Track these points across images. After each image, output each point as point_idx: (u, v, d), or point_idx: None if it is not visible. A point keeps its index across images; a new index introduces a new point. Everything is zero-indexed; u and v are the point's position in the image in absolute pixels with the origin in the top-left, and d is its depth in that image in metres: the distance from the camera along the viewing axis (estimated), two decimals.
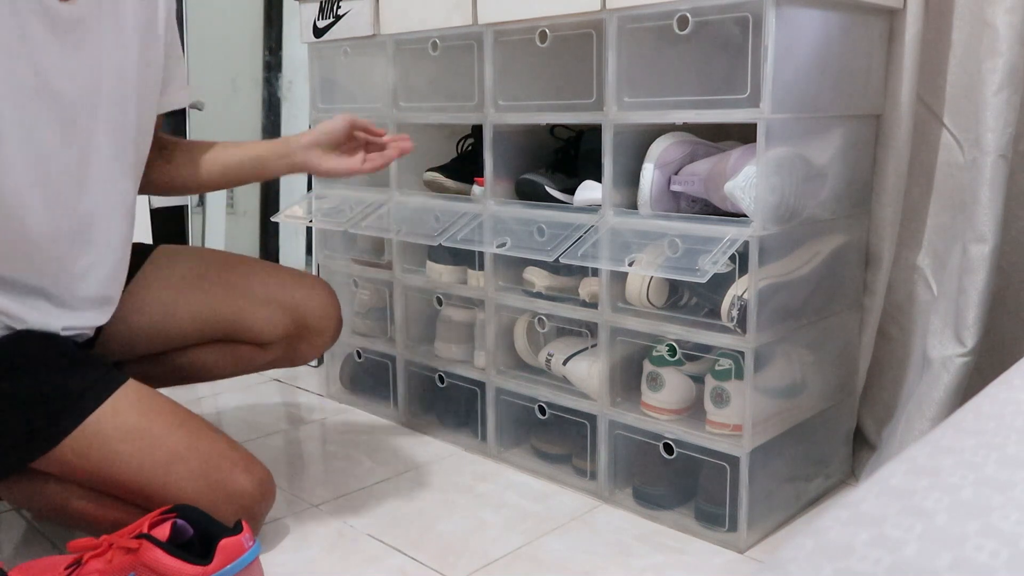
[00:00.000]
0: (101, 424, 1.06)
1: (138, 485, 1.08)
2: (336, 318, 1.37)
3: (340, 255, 1.72)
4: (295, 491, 1.35)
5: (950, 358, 1.21)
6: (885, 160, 1.29)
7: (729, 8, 1.10)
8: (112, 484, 1.08)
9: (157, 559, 0.94)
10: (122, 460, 1.07)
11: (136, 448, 1.07)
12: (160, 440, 1.09)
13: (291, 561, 1.15)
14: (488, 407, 1.47)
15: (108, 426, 1.07)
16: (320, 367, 1.96)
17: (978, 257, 1.18)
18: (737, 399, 1.15)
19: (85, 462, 1.06)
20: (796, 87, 1.12)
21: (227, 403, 1.78)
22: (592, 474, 1.33)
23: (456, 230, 1.40)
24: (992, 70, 1.14)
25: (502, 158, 1.40)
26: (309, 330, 1.34)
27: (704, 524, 1.20)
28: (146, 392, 1.12)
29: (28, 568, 1.02)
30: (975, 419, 0.50)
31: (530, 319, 1.42)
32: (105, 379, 1.10)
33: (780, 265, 1.16)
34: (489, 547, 1.18)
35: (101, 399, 1.07)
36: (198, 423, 1.14)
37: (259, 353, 1.34)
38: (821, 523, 0.40)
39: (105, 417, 1.07)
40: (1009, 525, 0.37)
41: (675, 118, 1.17)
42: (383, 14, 1.50)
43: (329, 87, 1.67)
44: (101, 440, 1.06)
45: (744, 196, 1.10)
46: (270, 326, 1.31)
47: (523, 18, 1.30)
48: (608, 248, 1.22)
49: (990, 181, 1.16)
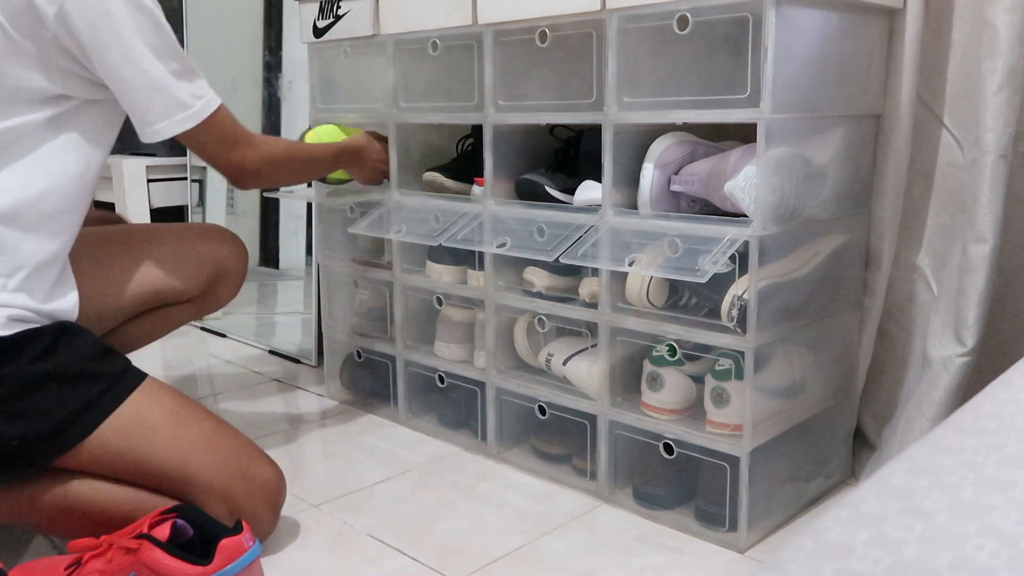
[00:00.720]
0: (142, 404, 1.11)
1: (175, 467, 1.10)
2: (243, 252, 1.47)
3: (340, 255, 1.72)
4: (295, 491, 1.35)
5: (950, 358, 1.21)
6: (885, 160, 1.29)
7: (729, 8, 1.10)
8: (147, 467, 1.10)
9: (157, 559, 0.94)
10: (164, 441, 1.11)
11: (176, 431, 1.12)
12: (195, 425, 1.14)
13: (291, 561, 1.15)
14: (488, 407, 1.47)
15: (149, 407, 1.12)
16: (320, 367, 1.96)
17: (978, 257, 1.18)
18: (737, 399, 1.15)
19: (126, 443, 1.09)
20: (796, 87, 1.12)
21: (227, 403, 1.78)
22: (592, 474, 1.33)
23: (456, 230, 1.40)
24: (992, 70, 1.14)
25: (502, 158, 1.40)
26: (226, 273, 1.43)
27: (704, 524, 1.20)
28: (168, 385, 1.18)
29: (28, 568, 1.02)
30: (975, 419, 0.50)
31: (530, 319, 1.42)
32: (133, 369, 1.15)
33: (780, 265, 1.16)
34: (489, 547, 1.18)
35: (137, 383, 1.13)
36: (218, 417, 1.20)
37: (186, 308, 1.42)
38: (821, 523, 0.40)
39: (145, 398, 1.12)
40: (1009, 525, 0.37)
41: (675, 118, 1.17)
42: (383, 14, 1.50)
43: (329, 87, 1.67)
44: (143, 419, 1.10)
45: (744, 196, 1.10)
46: (193, 280, 1.39)
47: (523, 18, 1.30)
48: (608, 248, 1.22)
49: (990, 181, 1.16)
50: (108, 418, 1.08)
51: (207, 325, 2.34)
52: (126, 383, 1.12)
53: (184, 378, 1.95)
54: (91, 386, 1.09)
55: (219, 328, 2.31)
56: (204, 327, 2.34)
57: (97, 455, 1.09)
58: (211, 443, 1.13)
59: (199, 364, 2.06)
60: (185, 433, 1.12)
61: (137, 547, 0.95)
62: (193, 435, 1.13)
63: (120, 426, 1.09)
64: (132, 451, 1.09)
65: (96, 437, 1.08)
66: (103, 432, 1.08)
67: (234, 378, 1.94)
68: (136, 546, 0.96)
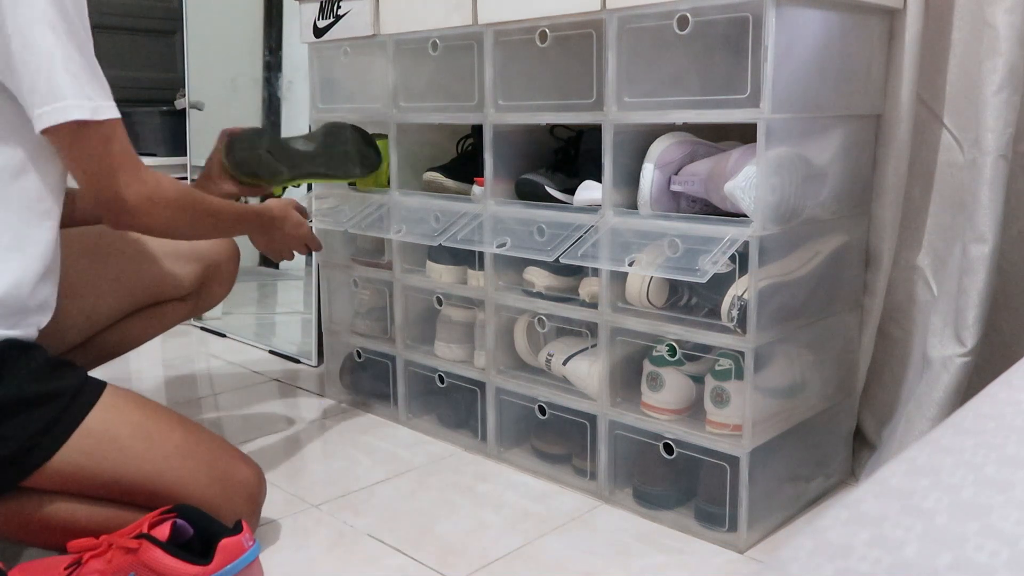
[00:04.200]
0: (107, 421, 1.06)
1: (150, 481, 1.07)
2: (234, 248, 1.47)
3: (340, 255, 1.72)
4: (295, 491, 1.35)
5: (950, 358, 1.21)
6: (885, 160, 1.29)
7: (729, 8, 1.10)
8: (122, 485, 1.07)
9: (157, 559, 0.94)
10: (135, 455, 1.06)
11: (148, 444, 1.07)
12: (166, 434, 1.10)
13: (291, 561, 1.15)
14: (488, 407, 1.47)
15: (115, 422, 1.06)
16: (320, 367, 1.96)
17: (978, 257, 1.18)
18: (737, 399, 1.15)
19: (94, 462, 1.04)
20: (796, 87, 1.12)
21: (227, 403, 1.78)
22: (592, 474, 1.33)
23: (456, 230, 1.40)
24: (992, 70, 1.14)
25: (502, 158, 1.40)
26: (218, 269, 1.43)
27: (704, 524, 1.20)
28: (131, 392, 1.13)
29: (28, 568, 1.02)
30: (975, 419, 0.50)
31: (530, 319, 1.42)
32: (92, 381, 1.09)
33: (780, 265, 1.16)
34: (489, 547, 1.18)
35: (97, 397, 1.07)
36: (188, 420, 1.16)
37: (180, 306, 1.42)
38: (821, 523, 0.40)
39: (108, 414, 1.06)
40: (1009, 525, 0.37)
41: (675, 118, 1.17)
42: (383, 14, 1.50)
43: (329, 87, 1.67)
44: (111, 437, 1.05)
45: (744, 196, 1.10)
46: (185, 277, 1.39)
47: (523, 18, 1.30)
48: (608, 248, 1.22)
49: (990, 181, 1.16)
50: (71, 438, 1.03)
51: (207, 325, 2.34)
52: (84, 398, 1.06)
53: (184, 378, 1.95)
54: (47, 408, 1.03)
55: (219, 328, 2.31)
56: (204, 327, 2.34)
57: (68, 476, 1.04)
58: (185, 453, 1.09)
59: (199, 364, 2.06)
60: (158, 447, 1.08)
61: (137, 547, 0.95)
62: (166, 448, 1.08)
63: (87, 446, 1.04)
64: (105, 471, 1.05)
65: (62, 459, 1.03)
66: (69, 454, 1.03)
67: (234, 378, 1.94)
68: (136, 546, 0.96)
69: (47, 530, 1.08)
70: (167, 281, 1.37)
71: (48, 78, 0.99)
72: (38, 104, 1.00)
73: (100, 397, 1.07)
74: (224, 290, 1.47)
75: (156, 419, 1.11)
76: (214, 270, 1.43)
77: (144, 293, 1.35)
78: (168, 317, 1.42)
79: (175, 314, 1.43)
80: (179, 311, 1.43)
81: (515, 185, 1.40)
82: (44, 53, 0.99)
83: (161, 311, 1.40)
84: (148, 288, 1.35)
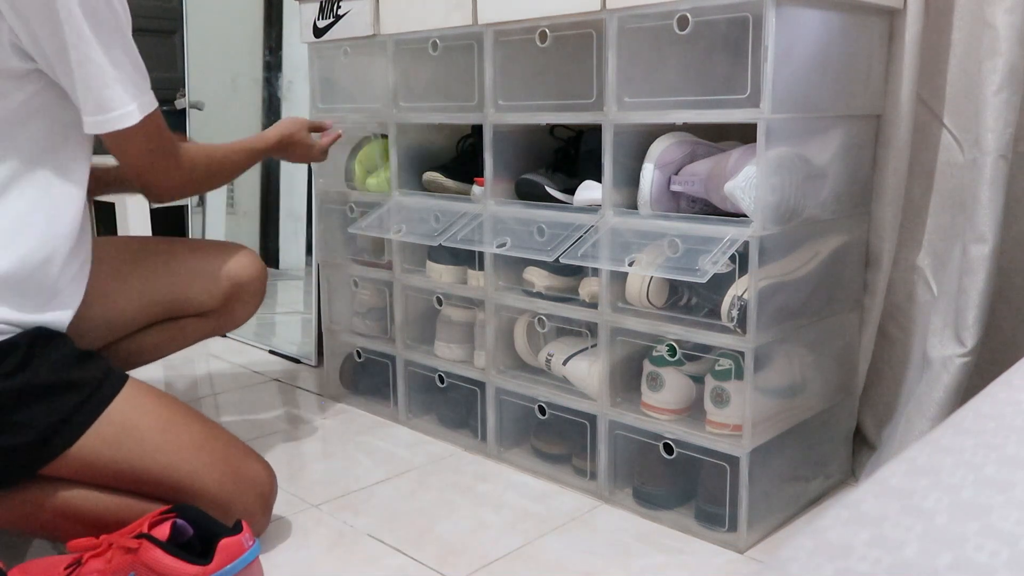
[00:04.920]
0: (127, 411, 1.09)
1: (165, 472, 1.09)
2: (262, 271, 1.45)
3: (340, 255, 1.72)
4: (295, 491, 1.35)
5: (950, 358, 1.21)
6: (885, 160, 1.29)
7: (729, 8, 1.10)
8: (138, 475, 1.09)
9: (157, 559, 0.94)
10: (153, 446, 1.09)
11: (165, 437, 1.10)
12: (184, 428, 1.12)
13: (291, 561, 1.15)
14: (488, 407, 1.47)
15: (135, 412, 1.09)
16: (320, 367, 1.96)
17: (978, 257, 1.18)
18: (737, 399, 1.15)
19: (113, 450, 1.07)
20: (796, 87, 1.12)
21: (227, 403, 1.78)
22: (592, 474, 1.33)
23: (456, 230, 1.40)
24: (992, 70, 1.14)
25: (502, 158, 1.40)
26: (243, 289, 1.41)
27: (704, 524, 1.20)
28: (152, 386, 1.15)
29: (28, 568, 1.02)
30: (975, 419, 0.50)
31: (530, 319, 1.42)
32: (115, 372, 1.12)
33: (780, 265, 1.16)
34: (489, 547, 1.18)
35: (119, 388, 1.10)
36: (204, 416, 1.18)
37: (201, 323, 1.41)
38: (821, 523, 0.40)
39: (129, 404, 1.09)
40: (1009, 525, 0.37)
41: (675, 118, 1.17)
42: (383, 14, 1.50)
43: (329, 87, 1.67)
44: (131, 427, 1.08)
45: (744, 196, 1.10)
46: (208, 294, 1.37)
47: (523, 18, 1.30)
48: (608, 248, 1.22)
49: (990, 181, 1.16)
50: (92, 426, 1.06)
51: None
52: (107, 389, 1.09)
53: (184, 378, 1.95)
54: (71, 395, 1.06)
55: None
56: None
57: (86, 464, 1.07)
58: (201, 447, 1.12)
59: (199, 364, 2.06)
60: (174, 439, 1.10)
61: (137, 547, 0.95)
62: (183, 440, 1.11)
63: (108, 435, 1.07)
64: (122, 459, 1.08)
65: (83, 446, 1.06)
66: (90, 441, 1.06)
67: (234, 378, 1.94)
68: (136, 546, 0.96)
69: (60, 518, 1.10)
70: (188, 295, 1.35)
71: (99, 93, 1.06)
72: (88, 112, 1.07)
73: (122, 388, 1.10)
74: (247, 312, 1.44)
75: (174, 413, 1.13)
76: (240, 289, 1.40)
77: (164, 306, 1.34)
78: (188, 333, 1.41)
79: (196, 330, 1.41)
80: (200, 328, 1.41)
81: (515, 185, 1.40)
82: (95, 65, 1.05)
83: (181, 326, 1.39)
84: (172, 302, 1.34)
